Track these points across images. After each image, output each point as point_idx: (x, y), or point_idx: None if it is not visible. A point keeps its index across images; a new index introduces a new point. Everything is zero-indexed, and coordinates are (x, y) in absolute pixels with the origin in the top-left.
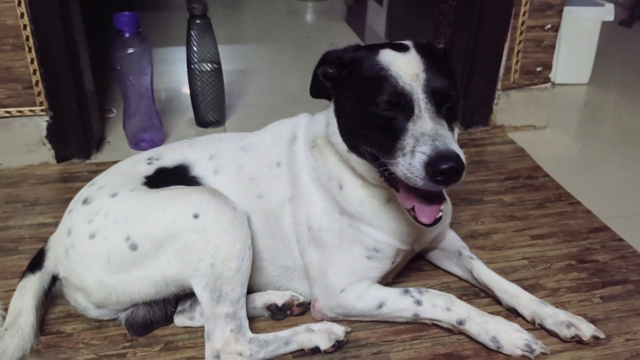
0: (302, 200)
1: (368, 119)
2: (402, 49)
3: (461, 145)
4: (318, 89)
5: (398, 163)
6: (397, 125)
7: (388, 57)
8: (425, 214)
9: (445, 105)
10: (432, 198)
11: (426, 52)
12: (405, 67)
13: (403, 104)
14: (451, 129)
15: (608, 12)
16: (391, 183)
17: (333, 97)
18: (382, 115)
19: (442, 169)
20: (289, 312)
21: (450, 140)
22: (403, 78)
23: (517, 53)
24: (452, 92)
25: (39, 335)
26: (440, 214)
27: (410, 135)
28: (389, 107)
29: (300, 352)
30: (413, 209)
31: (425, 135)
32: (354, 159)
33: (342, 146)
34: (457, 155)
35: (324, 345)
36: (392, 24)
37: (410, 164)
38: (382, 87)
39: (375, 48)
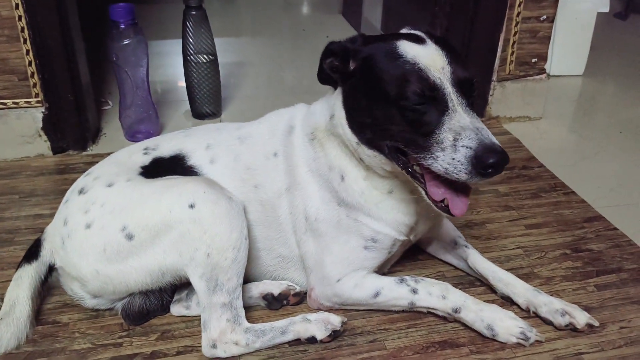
0: (299, 190)
1: (394, 114)
2: (419, 40)
3: None
4: (326, 77)
5: (437, 157)
6: (430, 119)
7: (410, 50)
8: (457, 205)
9: (472, 97)
10: (461, 189)
11: (442, 44)
12: (430, 60)
13: (435, 98)
14: None
15: (603, 4)
16: (414, 176)
17: (341, 90)
18: (414, 109)
19: (492, 162)
20: (285, 302)
21: (490, 133)
22: (432, 71)
23: (513, 44)
24: (474, 81)
25: (35, 324)
26: (468, 201)
27: (448, 129)
28: (421, 101)
29: (297, 341)
30: (443, 201)
31: (467, 129)
32: (364, 151)
33: (352, 138)
34: (502, 148)
35: (321, 335)
36: (388, 15)
37: (453, 158)
38: (412, 81)
39: (389, 39)
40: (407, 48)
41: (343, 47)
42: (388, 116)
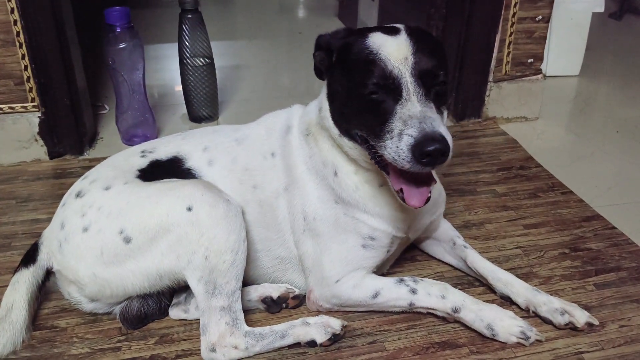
0: (297, 189)
1: (358, 102)
2: (393, 32)
3: (453, 137)
4: (318, 71)
5: (386, 146)
6: (386, 108)
7: (377, 41)
8: (414, 196)
9: (434, 88)
10: (421, 180)
11: (416, 35)
12: (394, 50)
13: (392, 87)
14: (440, 112)
15: (598, 4)
16: (381, 166)
17: (326, 81)
18: (371, 98)
19: (428, 150)
20: (284, 305)
21: (437, 122)
22: (392, 61)
23: (509, 45)
24: (440, 73)
25: (32, 329)
26: (429, 195)
27: (399, 118)
28: (377, 90)
29: (296, 345)
30: (402, 190)
31: (413, 117)
32: (345, 142)
33: (334, 130)
34: (443, 137)
35: (320, 338)
36: (384, 18)
37: (397, 146)
38: (371, 70)
39: (366, 32)
40: (375, 39)
41: (326, 40)
42: (355, 105)
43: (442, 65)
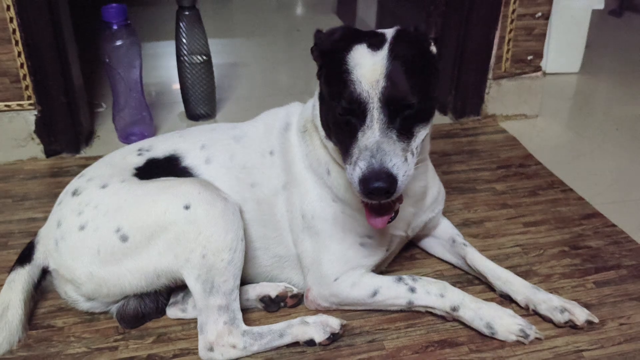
0: (296, 187)
1: (333, 116)
2: (377, 45)
3: (453, 135)
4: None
5: (347, 169)
6: (352, 131)
7: (356, 57)
8: (374, 218)
9: (402, 114)
10: (383, 208)
11: (399, 50)
12: (367, 71)
13: (357, 112)
14: (409, 136)
15: (598, 1)
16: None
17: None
18: (341, 118)
19: (371, 187)
20: (282, 304)
21: (390, 156)
22: (362, 84)
23: (508, 42)
24: (410, 101)
25: (28, 329)
26: (392, 215)
27: (358, 145)
28: (346, 112)
29: (295, 344)
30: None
31: (367, 149)
32: (330, 145)
33: (322, 131)
34: (389, 175)
35: (319, 337)
36: (383, 15)
37: (352, 175)
38: (342, 90)
39: (353, 42)
40: (355, 54)
41: (320, 39)
42: (331, 117)
43: (419, 85)
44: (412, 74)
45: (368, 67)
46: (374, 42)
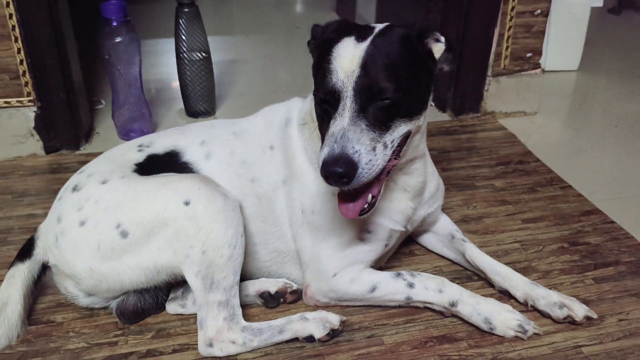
0: (296, 182)
1: (317, 105)
2: (363, 38)
3: (452, 132)
4: None
5: (319, 155)
6: (328, 120)
7: (340, 48)
8: (344, 206)
9: (376, 104)
10: (353, 193)
11: (382, 43)
12: (346, 62)
13: (332, 101)
14: (384, 128)
15: None
16: None
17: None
18: (322, 106)
19: (329, 171)
20: (282, 300)
21: (353, 143)
22: (339, 74)
23: (507, 39)
24: (384, 92)
25: (27, 324)
26: (365, 206)
27: (329, 132)
28: (323, 101)
29: (294, 340)
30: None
31: (333, 135)
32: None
33: (315, 122)
34: (348, 160)
35: (319, 333)
36: (383, 12)
37: (318, 159)
38: (322, 79)
39: (343, 34)
40: (340, 46)
41: (316, 32)
42: (316, 106)
43: (394, 77)
44: (392, 68)
45: (347, 58)
46: (362, 34)
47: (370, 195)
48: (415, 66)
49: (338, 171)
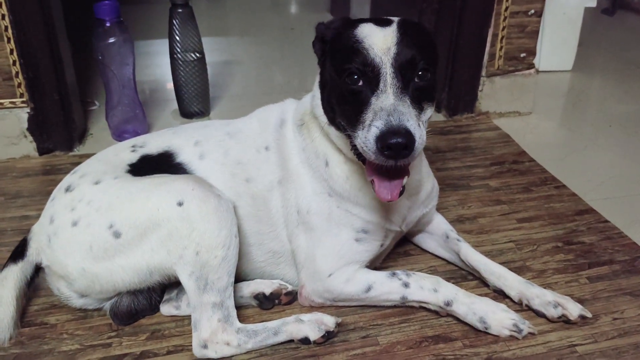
0: (291, 182)
1: (341, 91)
2: (384, 23)
3: (447, 132)
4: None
5: (358, 136)
6: (363, 99)
7: (365, 31)
8: (384, 188)
9: (414, 81)
10: (394, 173)
11: (407, 28)
12: (378, 40)
13: (370, 76)
14: (419, 108)
15: None
16: (360, 157)
17: (319, 70)
18: (352, 88)
19: (390, 143)
20: (277, 301)
21: (407, 117)
22: (374, 50)
23: (501, 39)
24: (420, 63)
25: (19, 326)
26: (402, 189)
27: (372, 109)
28: (357, 79)
29: (289, 341)
30: (373, 182)
31: (384, 110)
32: (332, 131)
33: (323, 118)
34: (407, 131)
35: (314, 335)
36: (377, 13)
37: (365, 137)
38: (353, 58)
39: (358, 22)
40: (363, 29)
41: (322, 29)
42: (338, 93)
43: (427, 58)
44: (424, 48)
45: (379, 37)
46: (380, 22)
47: (405, 178)
48: (433, 53)
49: (401, 142)
